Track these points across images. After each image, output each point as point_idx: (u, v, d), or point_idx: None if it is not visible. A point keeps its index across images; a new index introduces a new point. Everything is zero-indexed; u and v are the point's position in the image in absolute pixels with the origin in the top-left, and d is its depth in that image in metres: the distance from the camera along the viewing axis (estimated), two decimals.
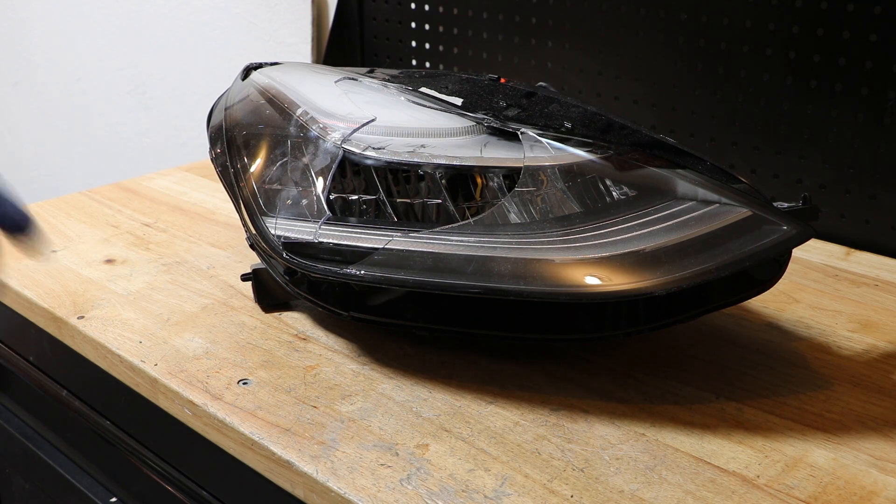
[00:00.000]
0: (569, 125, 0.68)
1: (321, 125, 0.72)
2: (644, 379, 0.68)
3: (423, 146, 0.68)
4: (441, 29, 1.20)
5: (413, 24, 1.23)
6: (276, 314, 0.78)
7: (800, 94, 0.93)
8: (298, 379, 0.68)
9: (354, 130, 0.71)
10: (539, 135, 0.67)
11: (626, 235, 0.62)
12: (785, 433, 0.61)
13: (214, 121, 0.82)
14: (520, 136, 0.67)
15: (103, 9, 1.74)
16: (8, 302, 0.86)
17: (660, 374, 0.69)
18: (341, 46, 1.32)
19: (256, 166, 0.73)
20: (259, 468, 0.62)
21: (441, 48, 1.21)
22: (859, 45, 0.88)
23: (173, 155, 1.70)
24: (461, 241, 0.64)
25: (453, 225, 0.65)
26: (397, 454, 0.59)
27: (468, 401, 0.65)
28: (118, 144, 1.82)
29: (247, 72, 0.86)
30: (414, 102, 0.75)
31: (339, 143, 0.70)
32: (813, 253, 0.91)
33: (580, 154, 0.65)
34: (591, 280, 0.60)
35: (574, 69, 1.09)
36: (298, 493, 0.59)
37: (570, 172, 0.65)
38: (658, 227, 0.62)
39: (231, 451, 0.64)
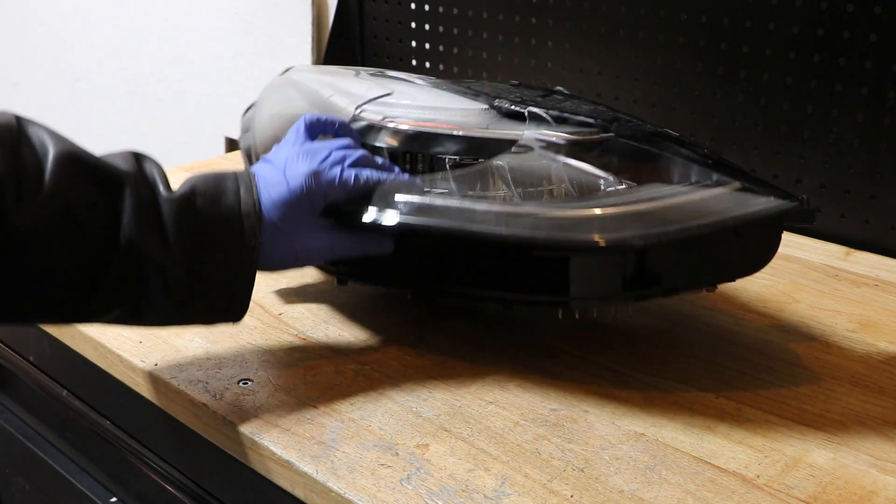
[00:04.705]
0: (575, 110, 0.71)
1: (341, 104, 0.76)
2: (644, 379, 0.68)
3: (434, 118, 0.73)
4: (441, 29, 1.20)
5: (413, 24, 1.23)
6: (276, 314, 0.78)
7: (800, 94, 0.93)
8: (298, 379, 0.68)
9: (369, 101, 0.75)
10: (545, 112, 0.70)
11: (618, 199, 0.64)
12: (785, 433, 0.61)
13: (249, 111, 0.87)
14: (526, 115, 0.71)
15: (103, 9, 1.74)
16: None
17: (660, 374, 0.69)
18: (341, 46, 1.32)
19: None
20: (259, 468, 0.62)
21: (441, 48, 1.21)
22: (859, 45, 0.88)
23: (173, 155, 1.70)
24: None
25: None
26: (397, 454, 0.59)
27: (468, 401, 0.65)
28: (118, 144, 1.81)
29: (285, 71, 0.90)
30: (435, 87, 0.80)
31: (354, 113, 0.74)
32: (813, 253, 0.91)
33: (582, 131, 0.68)
34: (584, 233, 0.62)
35: (574, 69, 1.09)
36: (298, 493, 0.59)
37: (571, 146, 0.67)
38: (652, 194, 0.64)
39: (231, 451, 0.64)
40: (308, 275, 0.85)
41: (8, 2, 1.95)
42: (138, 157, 0.63)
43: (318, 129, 0.70)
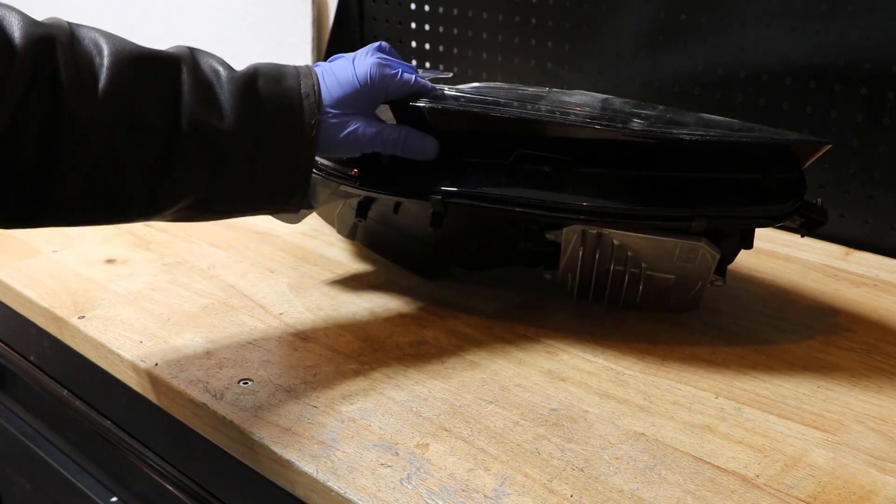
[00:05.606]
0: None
1: None
2: (644, 379, 0.68)
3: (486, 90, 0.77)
4: (441, 29, 1.20)
5: (413, 25, 1.23)
6: (276, 314, 0.78)
7: (799, 95, 0.93)
8: (298, 379, 0.68)
9: (423, 72, 0.80)
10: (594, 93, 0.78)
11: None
12: (785, 433, 0.62)
13: None
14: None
15: (103, 9, 1.74)
16: (9, 302, 0.86)
17: (660, 374, 0.69)
18: (341, 46, 1.32)
19: None
20: (259, 468, 0.62)
21: (441, 48, 1.21)
22: (859, 45, 0.88)
23: None
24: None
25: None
26: (397, 454, 0.59)
27: (468, 401, 0.65)
28: None
29: None
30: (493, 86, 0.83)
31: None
32: (812, 253, 0.91)
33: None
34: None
35: (574, 69, 1.09)
36: (298, 492, 0.59)
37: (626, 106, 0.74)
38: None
39: (231, 451, 0.64)
40: (308, 275, 0.85)
41: (7, 2, 1.95)
42: (192, 48, 0.66)
43: (388, 55, 0.74)
